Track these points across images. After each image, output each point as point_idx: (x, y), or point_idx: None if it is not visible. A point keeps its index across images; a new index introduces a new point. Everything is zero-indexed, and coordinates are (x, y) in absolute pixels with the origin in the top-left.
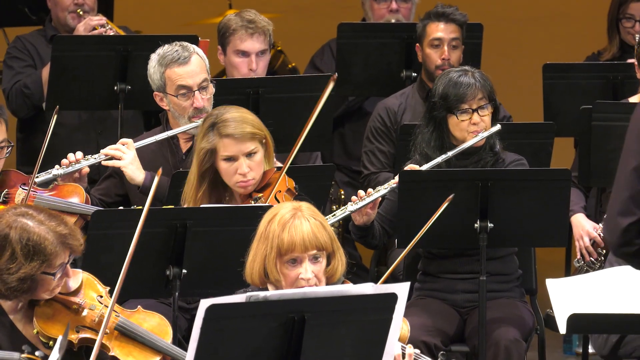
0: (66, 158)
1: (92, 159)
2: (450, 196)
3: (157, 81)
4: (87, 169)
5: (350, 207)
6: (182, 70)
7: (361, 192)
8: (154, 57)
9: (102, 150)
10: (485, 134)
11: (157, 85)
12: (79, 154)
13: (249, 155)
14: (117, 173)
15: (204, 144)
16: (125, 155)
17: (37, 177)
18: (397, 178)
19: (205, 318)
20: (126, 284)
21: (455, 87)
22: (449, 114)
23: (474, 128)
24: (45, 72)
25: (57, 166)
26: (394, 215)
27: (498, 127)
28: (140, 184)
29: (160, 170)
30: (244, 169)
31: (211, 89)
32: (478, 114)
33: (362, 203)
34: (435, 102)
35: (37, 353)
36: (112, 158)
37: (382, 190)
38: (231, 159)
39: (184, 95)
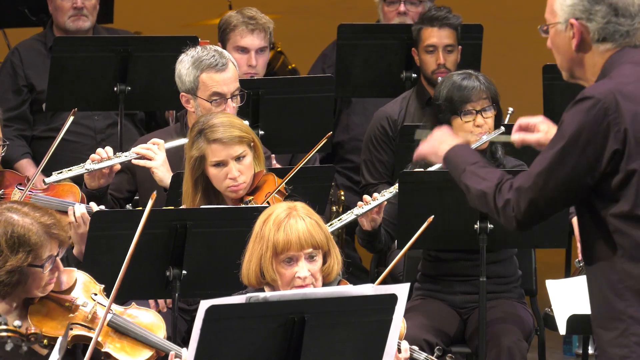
0: (96, 153)
1: (124, 157)
2: (431, 217)
3: (189, 83)
4: (118, 166)
5: (356, 210)
6: (219, 77)
7: (367, 197)
8: (186, 59)
9: (133, 149)
10: (489, 136)
11: (187, 87)
12: (110, 150)
13: (238, 159)
14: (129, 168)
15: (193, 151)
16: (156, 157)
17: (70, 170)
18: None
19: (205, 319)
20: (126, 285)
21: (460, 90)
22: (454, 116)
23: (478, 130)
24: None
25: (88, 161)
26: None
27: (502, 129)
28: (168, 187)
29: (154, 194)
30: (234, 173)
31: (239, 99)
32: (482, 115)
33: (368, 207)
34: (440, 105)
35: (15, 323)
36: (142, 157)
37: (388, 194)
38: (220, 164)
39: (217, 101)
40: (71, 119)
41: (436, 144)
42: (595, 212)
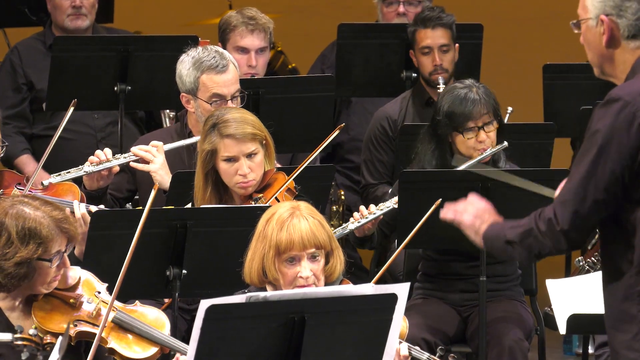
0: (95, 155)
1: (122, 159)
2: (438, 200)
3: (190, 84)
4: (117, 168)
5: (351, 225)
6: (219, 79)
7: (363, 210)
8: (186, 59)
9: (132, 149)
10: (492, 151)
11: (187, 88)
12: (108, 152)
13: (250, 156)
14: (129, 168)
15: (205, 145)
16: (155, 159)
17: (68, 172)
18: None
19: (206, 318)
20: (126, 285)
21: (461, 106)
22: (455, 132)
23: (480, 146)
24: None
25: (87, 163)
26: (392, 218)
27: (505, 144)
28: (168, 189)
29: (157, 185)
30: (244, 169)
31: (239, 101)
32: (484, 131)
33: (363, 221)
34: (440, 121)
35: (30, 332)
36: (141, 159)
37: (385, 208)
38: (232, 159)
39: (217, 103)
40: (71, 110)
41: (477, 223)
42: (616, 213)
